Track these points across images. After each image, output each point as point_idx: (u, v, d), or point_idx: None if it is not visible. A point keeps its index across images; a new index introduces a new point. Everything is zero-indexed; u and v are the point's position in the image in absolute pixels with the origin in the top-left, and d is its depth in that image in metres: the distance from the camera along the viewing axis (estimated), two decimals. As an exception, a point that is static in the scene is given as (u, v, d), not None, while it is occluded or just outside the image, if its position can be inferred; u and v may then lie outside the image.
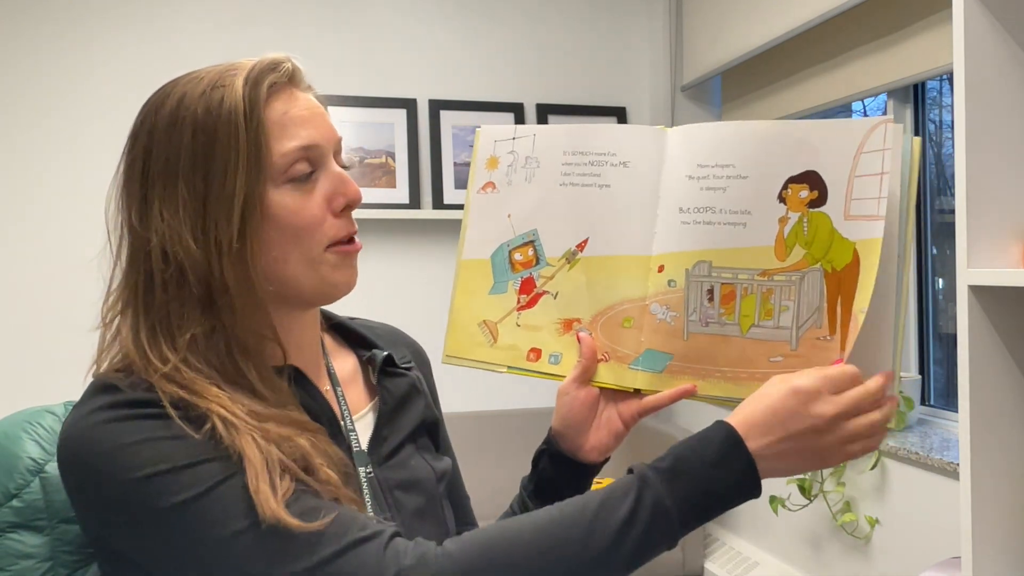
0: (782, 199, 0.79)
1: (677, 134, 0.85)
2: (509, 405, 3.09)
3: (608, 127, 0.88)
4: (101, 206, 0.79)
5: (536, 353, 0.87)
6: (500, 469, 2.97)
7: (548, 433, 0.90)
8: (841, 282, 0.77)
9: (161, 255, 0.73)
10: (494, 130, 0.92)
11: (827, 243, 0.77)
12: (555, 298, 0.87)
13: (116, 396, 0.70)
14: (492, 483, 2.94)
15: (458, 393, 2.97)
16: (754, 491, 0.71)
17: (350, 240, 0.79)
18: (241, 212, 0.72)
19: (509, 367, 0.88)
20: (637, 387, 0.84)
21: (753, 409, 0.72)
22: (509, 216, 0.89)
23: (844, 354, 0.76)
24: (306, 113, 0.77)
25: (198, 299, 0.73)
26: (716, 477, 0.70)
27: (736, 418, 0.73)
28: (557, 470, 0.89)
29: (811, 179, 0.78)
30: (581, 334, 0.86)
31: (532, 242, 0.88)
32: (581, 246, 0.87)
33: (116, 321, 0.76)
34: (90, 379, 0.74)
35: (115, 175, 0.78)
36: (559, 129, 0.90)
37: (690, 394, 0.81)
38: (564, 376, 0.87)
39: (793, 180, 0.79)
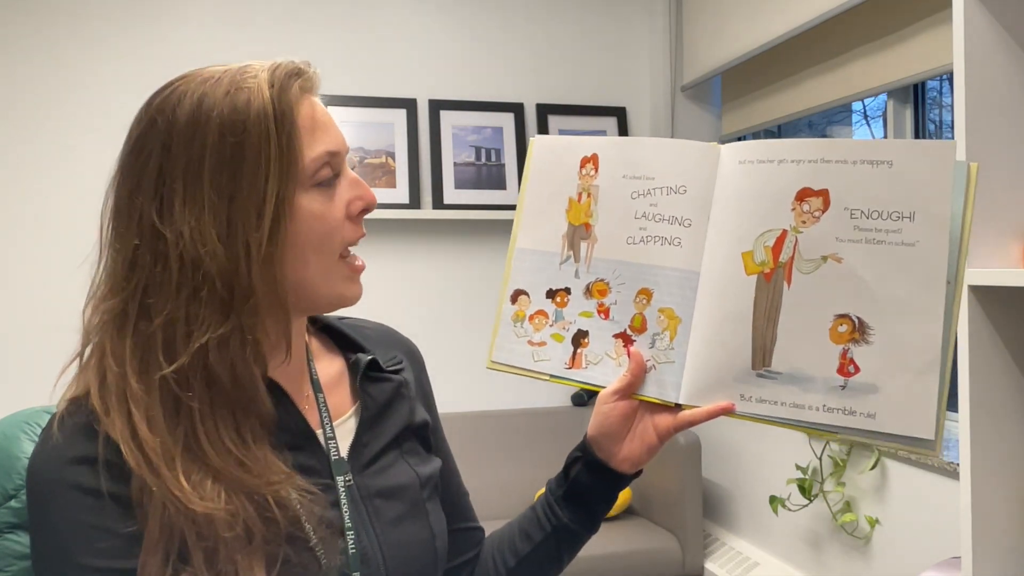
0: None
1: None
2: (509, 405, 3.09)
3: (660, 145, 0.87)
4: (99, 203, 0.77)
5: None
6: (500, 469, 2.97)
7: (583, 440, 0.91)
8: None
9: (178, 257, 0.71)
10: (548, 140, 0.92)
11: None
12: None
13: (69, 450, 0.69)
14: (492, 483, 2.95)
15: (458, 393, 2.98)
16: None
17: (355, 243, 0.80)
18: (272, 215, 0.72)
19: (552, 375, 0.88)
20: (679, 402, 0.83)
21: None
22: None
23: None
24: (327, 119, 0.77)
25: (220, 302, 0.71)
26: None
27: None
28: (592, 478, 0.89)
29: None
30: (632, 348, 0.85)
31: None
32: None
33: (99, 333, 0.73)
34: (69, 378, 0.74)
35: (115, 173, 0.75)
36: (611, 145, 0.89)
37: (728, 412, 0.80)
38: (604, 387, 0.86)
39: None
